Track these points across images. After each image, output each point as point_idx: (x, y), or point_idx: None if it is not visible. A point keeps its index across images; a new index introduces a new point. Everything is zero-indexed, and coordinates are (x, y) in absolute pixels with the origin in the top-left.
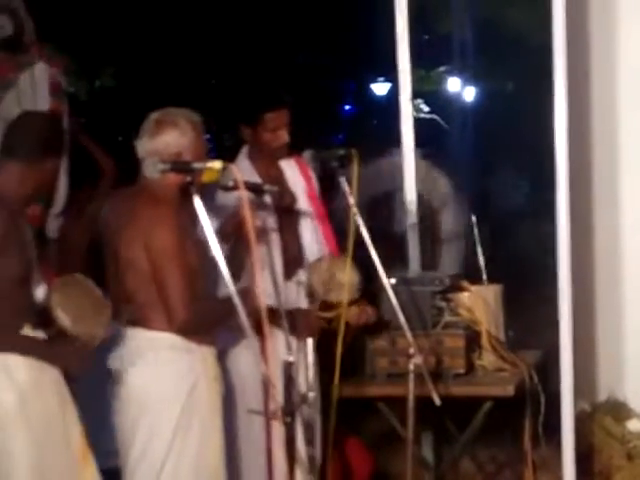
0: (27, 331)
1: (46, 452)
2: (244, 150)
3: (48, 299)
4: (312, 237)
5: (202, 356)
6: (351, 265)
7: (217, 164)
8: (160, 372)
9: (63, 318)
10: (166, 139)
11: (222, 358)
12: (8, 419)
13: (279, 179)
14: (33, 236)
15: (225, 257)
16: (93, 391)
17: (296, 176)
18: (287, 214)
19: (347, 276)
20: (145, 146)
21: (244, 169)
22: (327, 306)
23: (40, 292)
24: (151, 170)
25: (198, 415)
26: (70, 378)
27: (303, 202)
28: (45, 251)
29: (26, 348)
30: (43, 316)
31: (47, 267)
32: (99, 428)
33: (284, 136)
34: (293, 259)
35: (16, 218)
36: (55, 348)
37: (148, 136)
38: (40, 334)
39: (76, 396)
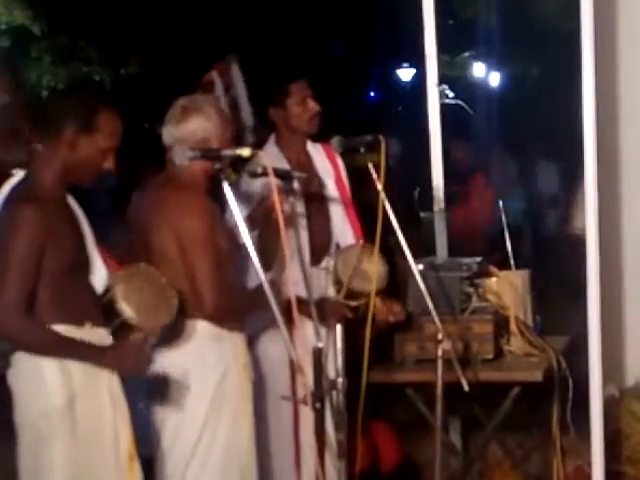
0: (88, 329)
1: (93, 452)
2: (272, 137)
3: (111, 291)
4: (340, 223)
5: (233, 343)
6: (379, 254)
7: (246, 151)
8: (191, 359)
9: (126, 310)
10: (193, 126)
11: (252, 345)
12: (56, 419)
13: (308, 165)
14: (88, 225)
15: (254, 244)
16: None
17: (324, 163)
18: (315, 200)
19: (374, 266)
20: (172, 133)
21: (273, 156)
22: (354, 294)
23: (100, 283)
24: (180, 157)
25: (229, 402)
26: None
27: (331, 188)
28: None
29: (82, 355)
30: (107, 308)
31: (111, 256)
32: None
33: (314, 105)
34: (321, 245)
35: (56, 210)
36: (111, 353)
37: (174, 123)
38: (102, 331)
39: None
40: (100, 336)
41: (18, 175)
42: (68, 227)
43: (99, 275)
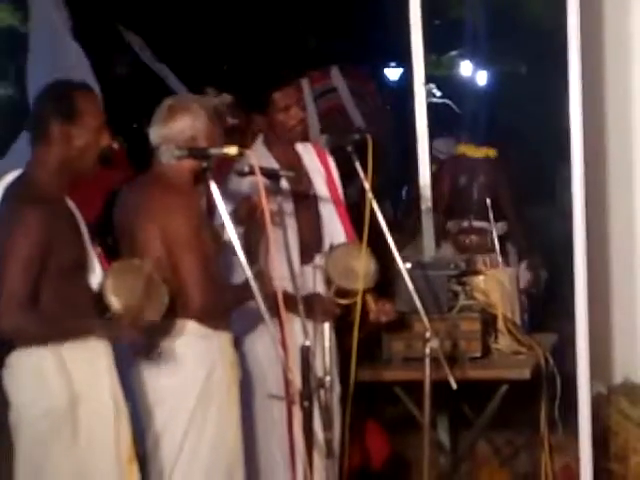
0: None
1: (95, 455)
2: (260, 137)
3: (102, 285)
4: (331, 222)
5: (219, 342)
6: (367, 253)
7: (233, 150)
8: (177, 358)
9: (115, 303)
10: (180, 125)
11: (239, 343)
12: (57, 421)
13: (296, 164)
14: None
15: (240, 241)
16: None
17: (314, 162)
18: (304, 199)
19: (363, 264)
20: (159, 132)
21: (261, 155)
22: (344, 292)
23: (97, 282)
24: (167, 156)
25: (215, 400)
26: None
27: (321, 187)
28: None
29: (77, 329)
30: (98, 302)
31: (104, 254)
32: None
33: (298, 113)
34: (311, 244)
35: (57, 209)
36: (105, 322)
37: (162, 123)
38: None
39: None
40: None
41: (12, 174)
42: (69, 226)
43: (96, 274)
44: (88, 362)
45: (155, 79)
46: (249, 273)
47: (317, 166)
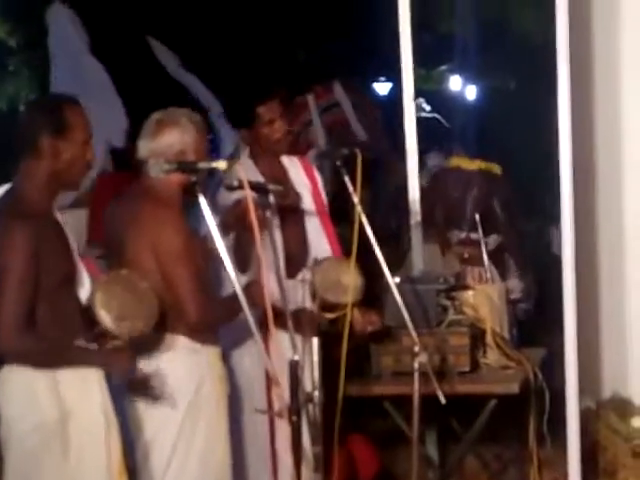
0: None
1: (85, 470)
2: (246, 150)
3: (91, 298)
4: (316, 236)
5: (207, 356)
6: (355, 267)
7: (222, 164)
8: (166, 373)
9: (104, 317)
10: (169, 139)
11: (227, 358)
12: (48, 436)
13: (282, 178)
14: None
15: (229, 250)
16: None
17: (300, 175)
18: (291, 213)
19: (351, 278)
20: (148, 146)
21: (247, 169)
22: (331, 306)
23: (85, 293)
24: (156, 170)
25: (204, 415)
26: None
27: (308, 201)
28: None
29: (74, 358)
30: (88, 316)
31: (94, 265)
32: None
33: (282, 127)
34: (296, 258)
35: (46, 223)
36: (100, 353)
37: (150, 136)
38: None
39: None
40: None
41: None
42: (58, 241)
43: (85, 288)
44: (80, 378)
45: (180, 91)
46: (238, 287)
47: (303, 180)
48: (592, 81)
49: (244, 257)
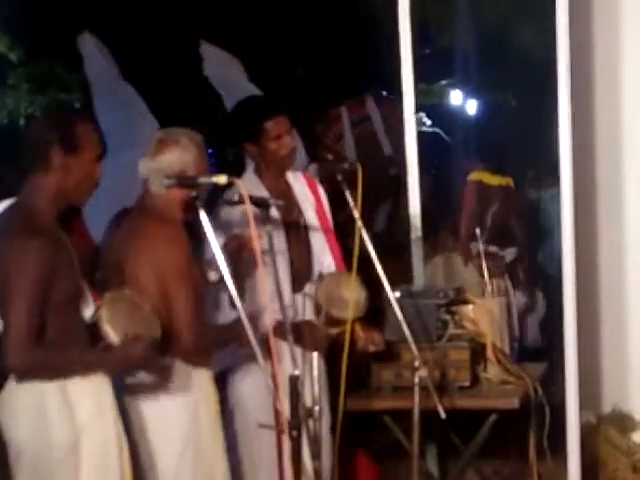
0: None
1: None
2: (251, 166)
3: (97, 315)
4: (321, 251)
5: (199, 379)
6: (357, 281)
7: (222, 178)
8: (161, 396)
9: (111, 333)
10: (169, 158)
11: (227, 376)
12: (60, 455)
13: (287, 193)
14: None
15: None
16: None
17: (304, 190)
18: (295, 227)
19: (352, 293)
20: (149, 165)
21: (252, 184)
22: (334, 321)
23: (89, 312)
24: (157, 185)
25: (200, 437)
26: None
27: (311, 216)
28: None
29: (97, 366)
30: (93, 332)
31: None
32: None
33: (289, 142)
34: (301, 273)
35: (53, 240)
36: (114, 348)
37: (151, 155)
38: None
39: None
40: None
41: (1, 204)
42: (65, 257)
43: (88, 304)
44: (93, 396)
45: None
46: (241, 308)
47: (307, 195)
48: (593, 96)
49: (240, 290)
